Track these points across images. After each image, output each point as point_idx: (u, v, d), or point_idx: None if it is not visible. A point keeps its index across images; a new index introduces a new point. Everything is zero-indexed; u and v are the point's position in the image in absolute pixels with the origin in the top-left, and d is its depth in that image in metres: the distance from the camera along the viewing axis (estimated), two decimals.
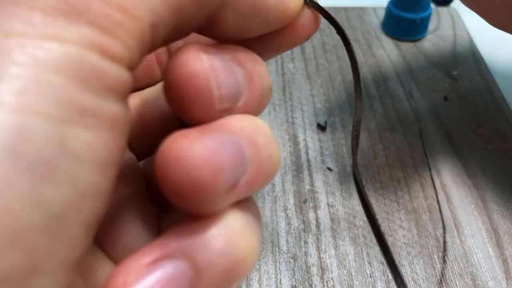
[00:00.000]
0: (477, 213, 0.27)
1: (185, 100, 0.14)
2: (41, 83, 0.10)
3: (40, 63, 0.10)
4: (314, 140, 0.31)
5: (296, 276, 0.24)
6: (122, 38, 0.12)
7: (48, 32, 0.11)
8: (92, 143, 0.11)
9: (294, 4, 0.17)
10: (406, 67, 0.37)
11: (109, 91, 0.12)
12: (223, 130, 0.14)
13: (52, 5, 0.11)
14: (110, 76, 0.12)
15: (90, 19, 0.11)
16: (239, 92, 0.15)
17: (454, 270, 0.24)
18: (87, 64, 0.11)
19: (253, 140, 0.14)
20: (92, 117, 0.11)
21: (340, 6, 0.43)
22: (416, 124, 0.32)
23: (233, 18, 0.15)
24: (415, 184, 0.28)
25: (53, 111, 0.10)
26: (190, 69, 0.14)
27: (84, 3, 0.11)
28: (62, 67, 0.11)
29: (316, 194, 0.28)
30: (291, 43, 0.18)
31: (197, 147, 0.13)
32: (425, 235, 0.26)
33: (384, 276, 0.24)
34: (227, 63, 0.15)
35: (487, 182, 0.28)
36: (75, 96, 0.11)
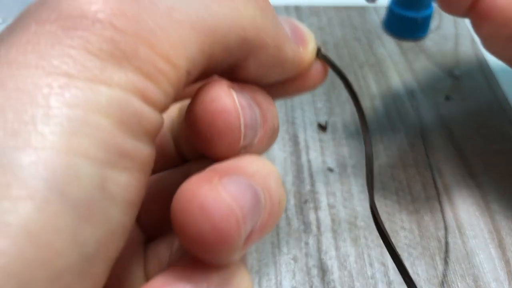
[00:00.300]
0: (479, 214, 0.27)
1: (213, 135, 0.14)
2: (90, 125, 0.11)
3: (90, 105, 0.11)
4: (315, 140, 0.31)
5: (296, 277, 0.24)
6: (162, 85, 0.12)
7: (98, 75, 0.11)
8: (126, 185, 0.11)
9: (308, 57, 0.18)
10: (408, 67, 0.36)
11: (145, 134, 0.12)
12: (239, 172, 0.14)
13: (105, 49, 0.11)
14: (148, 120, 0.12)
15: (137, 65, 0.12)
16: (256, 130, 0.15)
17: (456, 272, 0.24)
18: (131, 109, 0.11)
19: (266, 185, 0.14)
20: (128, 160, 0.12)
21: (341, 5, 0.43)
22: (417, 124, 0.32)
23: (255, 67, 0.16)
24: (417, 185, 0.28)
25: (98, 154, 0.11)
26: (221, 105, 0.14)
27: (133, 49, 0.12)
28: (109, 110, 0.11)
29: (317, 195, 0.27)
30: (299, 90, 0.19)
31: (222, 194, 0.12)
32: (426, 236, 0.25)
33: (385, 278, 0.24)
34: (249, 101, 0.15)
35: (490, 183, 0.28)
36: (117, 139, 0.11)
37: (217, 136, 0.14)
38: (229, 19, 0.14)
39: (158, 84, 0.12)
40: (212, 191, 0.12)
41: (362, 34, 0.40)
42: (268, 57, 0.16)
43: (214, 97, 0.14)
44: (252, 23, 0.14)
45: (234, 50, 0.14)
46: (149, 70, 0.12)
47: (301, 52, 0.17)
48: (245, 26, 0.14)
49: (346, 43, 0.39)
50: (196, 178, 0.13)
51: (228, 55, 0.14)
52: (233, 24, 0.14)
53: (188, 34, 0.13)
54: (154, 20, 0.12)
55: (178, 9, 0.13)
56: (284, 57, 0.16)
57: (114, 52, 0.11)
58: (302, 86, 0.19)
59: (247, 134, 0.15)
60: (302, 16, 0.42)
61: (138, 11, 0.12)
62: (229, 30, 0.14)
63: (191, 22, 0.13)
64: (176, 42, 0.12)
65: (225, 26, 0.14)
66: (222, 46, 0.14)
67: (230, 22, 0.14)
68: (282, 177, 0.28)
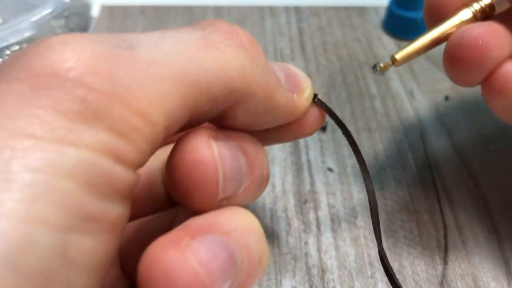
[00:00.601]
0: (478, 214, 0.27)
1: (190, 188, 0.14)
2: (52, 190, 0.10)
3: (54, 169, 0.10)
4: (315, 140, 0.31)
5: (296, 277, 0.24)
6: (136, 143, 0.12)
7: (66, 136, 0.11)
8: (91, 249, 0.11)
9: (302, 104, 0.17)
10: (407, 67, 0.36)
11: (115, 194, 0.12)
12: (214, 230, 0.13)
13: (75, 108, 0.11)
14: (119, 180, 0.12)
15: (109, 124, 0.11)
16: (241, 180, 0.15)
17: (455, 271, 0.24)
18: (100, 170, 0.11)
19: (245, 243, 0.14)
20: (95, 223, 0.11)
21: (341, 6, 0.43)
22: (417, 124, 0.32)
23: (244, 115, 0.15)
24: (416, 185, 0.28)
25: (60, 220, 0.10)
26: (199, 156, 0.14)
27: (105, 107, 0.11)
28: (76, 173, 0.11)
29: (317, 195, 0.28)
30: (294, 137, 0.19)
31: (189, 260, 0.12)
32: (426, 236, 0.26)
33: (385, 277, 0.24)
34: (233, 150, 0.15)
35: (489, 183, 0.28)
36: (83, 203, 0.11)
37: (193, 189, 0.14)
38: (215, 70, 0.13)
39: (132, 142, 0.12)
40: (178, 256, 0.12)
41: (362, 35, 0.40)
42: (258, 105, 0.15)
43: (192, 148, 0.14)
44: (240, 73, 0.14)
45: (221, 100, 0.14)
46: (123, 128, 0.11)
47: (295, 100, 0.17)
48: (232, 77, 0.14)
49: (346, 43, 0.39)
50: (165, 239, 0.12)
51: (214, 105, 0.14)
52: (219, 75, 0.13)
53: (168, 89, 0.12)
54: (131, 76, 0.12)
55: (160, 63, 0.12)
56: (275, 105, 0.16)
57: (84, 112, 0.11)
58: (297, 132, 0.18)
59: (227, 186, 0.14)
60: (302, 16, 0.42)
61: (114, 68, 0.12)
62: (215, 81, 0.13)
63: (173, 76, 0.12)
64: (154, 99, 0.12)
65: (211, 77, 0.13)
66: (208, 98, 0.13)
67: (216, 73, 0.13)
68: (282, 177, 0.28)
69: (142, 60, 0.12)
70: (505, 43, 0.19)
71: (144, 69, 0.12)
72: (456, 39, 0.20)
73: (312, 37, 0.40)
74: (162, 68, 0.12)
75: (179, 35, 0.13)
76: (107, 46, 0.12)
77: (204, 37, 0.14)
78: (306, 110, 0.18)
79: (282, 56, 0.38)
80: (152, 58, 0.12)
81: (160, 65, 0.12)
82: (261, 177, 0.16)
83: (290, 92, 0.17)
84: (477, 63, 0.19)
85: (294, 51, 0.38)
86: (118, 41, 0.12)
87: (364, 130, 0.31)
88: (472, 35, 0.19)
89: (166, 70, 0.12)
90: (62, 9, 0.34)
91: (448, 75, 0.21)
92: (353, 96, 0.34)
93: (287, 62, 0.37)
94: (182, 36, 0.13)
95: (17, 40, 0.31)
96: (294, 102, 0.17)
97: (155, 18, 0.41)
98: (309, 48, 0.38)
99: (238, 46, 0.14)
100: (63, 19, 0.35)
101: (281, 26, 0.41)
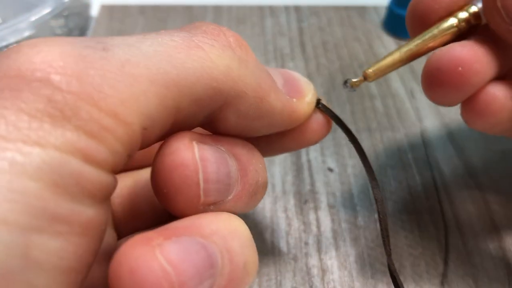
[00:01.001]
0: (479, 214, 0.27)
1: (170, 190, 0.13)
2: (13, 190, 0.10)
3: (16, 169, 0.10)
4: None
5: (296, 277, 0.24)
6: (108, 143, 0.11)
7: (31, 136, 0.10)
8: (59, 250, 0.11)
9: (302, 108, 0.16)
10: (408, 67, 0.36)
11: (86, 196, 0.11)
12: (192, 232, 0.13)
13: (40, 108, 0.11)
14: (90, 181, 0.11)
15: (77, 124, 0.11)
16: (229, 186, 0.14)
17: (456, 272, 0.24)
18: (67, 170, 0.11)
19: (226, 246, 0.13)
20: (63, 224, 0.11)
21: (341, 5, 0.43)
22: (417, 124, 0.32)
23: (235, 119, 0.15)
24: (417, 185, 0.28)
25: (20, 220, 0.10)
26: (179, 158, 0.13)
27: (73, 107, 0.11)
28: (39, 173, 0.10)
29: (317, 195, 0.27)
30: (299, 145, 0.18)
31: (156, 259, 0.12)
32: (426, 236, 0.25)
33: (385, 278, 0.24)
34: (220, 154, 0.14)
35: (490, 183, 0.28)
36: (48, 203, 0.10)
37: (173, 191, 0.13)
38: (198, 70, 0.13)
39: (104, 142, 0.11)
40: (146, 254, 0.12)
41: (362, 34, 0.40)
42: (249, 107, 0.15)
43: (172, 150, 0.13)
44: (226, 74, 0.14)
45: (206, 101, 0.14)
46: (93, 128, 0.11)
47: (293, 104, 0.16)
48: (217, 77, 0.13)
49: (346, 43, 0.39)
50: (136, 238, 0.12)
51: (199, 107, 0.14)
52: (202, 75, 0.13)
53: (144, 89, 0.12)
54: (102, 75, 0.11)
55: (135, 63, 0.12)
56: (269, 108, 0.15)
57: (51, 112, 0.11)
58: (302, 141, 0.18)
59: (210, 190, 0.14)
60: (302, 16, 0.42)
61: (84, 67, 0.11)
62: (197, 81, 0.13)
63: (150, 76, 0.12)
64: (128, 98, 0.12)
65: (192, 78, 0.13)
66: (190, 98, 0.13)
67: (198, 73, 0.13)
68: (283, 177, 0.28)
69: (115, 60, 0.12)
70: (487, 68, 0.18)
71: (117, 68, 0.12)
72: (435, 62, 0.18)
73: (312, 37, 0.40)
74: (137, 67, 0.12)
75: (161, 37, 0.13)
76: (78, 47, 0.12)
77: (187, 38, 0.13)
78: (309, 116, 0.17)
79: (282, 56, 0.38)
80: (127, 58, 0.12)
81: (135, 64, 0.12)
82: (255, 184, 0.15)
83: (288, 96, 0.16)
84: (456, 89, 0.18)
85: (294, 51, 0.38)
86: (92, 42, 0.12)
87: (364, 130, 0.31)
88: (452, 61, 0.18)
89: (142, 70, 0.12)
90: (62, 9, 0.34)
91: (426, 95, 0.20)
92: (353, 96, 0.34)
93: (287, 62, 0.37)
94: (163, 37, 0.13)
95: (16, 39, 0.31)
96: (292, 106, 0.16)
97: (155, 18, 0.41)
98: (309, 48, 0.38)
99: (224, 46, 0.14)
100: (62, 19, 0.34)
101: (281, 25, 0.41)
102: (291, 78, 0.17)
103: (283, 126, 0.17)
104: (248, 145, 0.16)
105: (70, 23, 0.35)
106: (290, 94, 0.16)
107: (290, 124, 0.17)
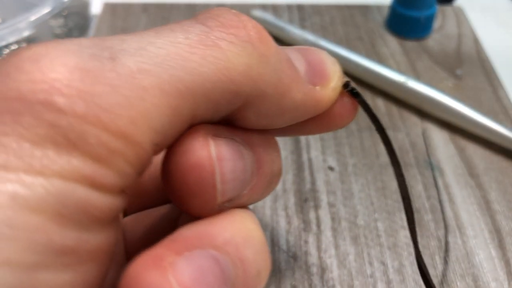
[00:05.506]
0: (479, 214, 0.26)
1: (183, 192, 0.13)
2: (15, 227, 0.09)
3: (17, 203, 0.09)
4: (316, 139, 0.31)
5: (295, 275, 0.24)
6: (117, 166, 0.11)
7: (34, 164, 0.10)
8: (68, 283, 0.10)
9: (327, 96, 0.15)
10: (410, 66, 0.36)
11: (94, 222, 0.11)
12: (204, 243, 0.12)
13: (43, 134, 0.10)
14: (98, 207, 0.10)
15: (84, 150, 0.10)
16: (245, 180, 0.13)
17: (455, 271, 0.24)
18: (72, 199, 0.10)
19: (240, 257, 0.12)
20: (70, 256, 0.10)
21: (344, 4, 0.43)
22: (419, 123, 0.32)
23: (255, 117, 0.14)
24: (418, 184, 0.28)
25: (24, 258, 0.09)
26: (194, 158, 0.12)
27: (79, 132, 0.10)
28: (43, 206, 0.10)
29: (317, 193, 0.27)
30: (323, 130, 0.16)
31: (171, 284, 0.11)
32: (426, 236, 0.25)
33: (384, 277, 0.24)
34: (236, 148, 0.13)
35: (490, 183, 0.28)
36: (52, 237, 0.10)
37: (188, 193, 0.12)
38: (214, 74, 0.12)
39: (112, 166, 0.10)
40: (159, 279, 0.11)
41: (364, 33, 0.40)
42: (270, 106, 0.13)
43: (186, 149, 0.12)
44: (245, 74, 0.12)
45: (223, 105, 0.12)
46: (100, 153, 0.10)
47: (317, 93, 0.14)
48: (235, 79, 0.12)
49: (349, 42, 0.39)
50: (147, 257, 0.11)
51: (216, 111, 0.13)
52: (219, 79, 0.12)
53: (156, 102, 0.11)
54: (110, 92, 0.10)
55: (145, 72, 0.11)
56: (291, 104, 0.14)
57: (55, 138, 0.10)
58: (325, 126, 0.16)
59: (227, 189, 0.13)
60: (305, 15, 0.42)
61: (90, 84, 0.10)
62: (214, 86, 0.12)
63: (161, 85, 0.11)
64: (138, 116, 0.11)
65: (209, 83, 0.12)
66: (207, 105, 0.12)
67: (215, 77, 0.12)
68: (283, 175, 0.28)
69: (124, 71, 0.11)
70: None
71: (126, 81, 0.11)
72: None
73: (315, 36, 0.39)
74: (148, 78, 0.11)
75: (174, 34, 0.12)
76: (85, 59, 0.11)
77: (203, 34, 0.12)
78: (333, 101, 0.15)
79: None
80: (137, 67, 0.11)
81: (146, 74, 0.11)
82: (270, 174, 0.14)
83: (311, 84, 0.14)
84: None
85: None
86: (99, 49, 0.11)
87: (366, 129, 0.31)
88: None
89: (153, 79, 0.11)
90: (61, 8, 0.34)
91: None
92: None
93: None
94: (177, 35, 0.12)
95: (16, 39, 0.31)
96: (316, 96, 0.14)
97: (157, 16, 0.41)
98: None
99: (244, 42, 0.12)
100: (62, 19, 0.34)
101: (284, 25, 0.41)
102: (315, 60, 0.15)
103: (307, 116, 0.15)
104: (265, 133, 0.14)
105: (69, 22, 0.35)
106: (314, 81, 0.14)
107: (314, 114, 0.15)
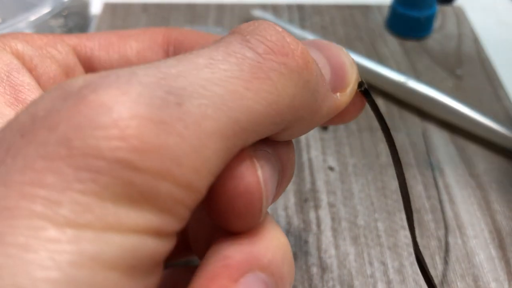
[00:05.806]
0: (479, 214, 0.26)
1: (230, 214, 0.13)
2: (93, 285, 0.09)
3: (97, 262, 0.09)
4: (316, 139, 0.31)
5: (295, 275, 0.24)
6: (179, 214, 0.11)
7: (111, 222, 0.10)
8: None
9: (344, 102, 0.15)
10: (410, 66, 0.36)
11: (156, 267, 0.11)
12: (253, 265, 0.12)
13: (120, 193, 0.10)
14: (162, 253, 0.11)
15: (155, 204, 0.10)
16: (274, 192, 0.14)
17: (455, 271, 0.24)
18: (143, 251, 0.10)
19: (280, 276, 0.13)
20: None
21: (344, 4, 0.43)
22: (419, 123, 0.32)
23: (287, 136, 0.14)
24: (418, 184, 0.28)
25: None
26: (244, 184, 0.12)
27: (153, 187, 0.10)
28: (118, 262, 0.10)
29: (317, 194, 0.27)
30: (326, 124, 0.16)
31: None
32: (427, 236, 0.25)
33: (384, 277, 0.24)
34: (271, 163, 0.13)
35: (491, 183, 0.28)
36: None
37: (234, 215, 0.13)
38: (265, 108, 0.12)
39: (176, 214, 0.11)
40: None
41: (364, 33, 0.40)
42: (303, 126, 0.14)
43: (235, 174, 0.12)
44: (290, 106, 0.12)
45: (265, 134, 0.13)
46: (168, 204, 0.10)
47: (337, 101, 0.15)
48: (281, 111, 0.12)
49: (349, 42, 0.39)
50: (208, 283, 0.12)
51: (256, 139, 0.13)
52: (269, 113, 0.12)
53: (217, 147, 0.11)
54: (181, 144, 0.10)
55: (208, 116, 0.11)
56: (319, 119, 0.14)
57: (130, 195, 0.10)
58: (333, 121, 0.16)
59: (267, 207, 0.13)
60: (305, 15, 0.42)
61: (164, 138, 0.10)
62: (264, 121, 0.12)
63: (222, 130, 0.11)
64: (201, 164, 0.11)
65: (260, 118, 0.12)
66: (254, 139, 0.12)
67: (265, 112, 0.12)
68: None
69: (191, 120, 0.11)
70: None
71: (194, 131, 0.11)
72: None
73: (315, 36, 0.39)
74: (211, 123, 0.11)
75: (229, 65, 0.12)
76: (155, 107, 0.10)
77: (255, 64, 0.12)
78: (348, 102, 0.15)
79: None
80: (201, 113, 0.11)
81: (209, 120, 0.11)
82: (290, 176, 0.15)
83: (333, 92, 0.14)
84: None
85: None
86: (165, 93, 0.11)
87: (366, 129, 0.31)
88: None
89: (214, 125, 0.11)
90: (61, 8, 0.34)
91: None
92: None
93: None
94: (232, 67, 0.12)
95: None
96: (336, 103, 0.15)
97: (157, 16, 0.41)
98: None
99: (292, 72, 0.12)
100: (62, 19, 0.34)
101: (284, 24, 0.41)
102: (337, 64, 0.15)
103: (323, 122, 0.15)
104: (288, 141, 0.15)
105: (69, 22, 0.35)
106: (335, 88, 0.15)
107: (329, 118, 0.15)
